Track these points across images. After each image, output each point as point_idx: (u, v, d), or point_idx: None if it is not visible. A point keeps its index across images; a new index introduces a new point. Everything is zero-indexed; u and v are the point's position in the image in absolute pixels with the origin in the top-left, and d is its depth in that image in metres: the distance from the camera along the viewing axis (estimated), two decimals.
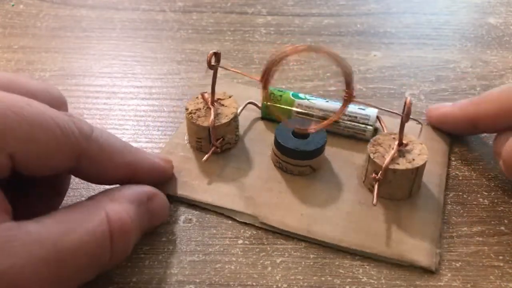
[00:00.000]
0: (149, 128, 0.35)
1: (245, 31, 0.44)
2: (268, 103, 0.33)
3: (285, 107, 0.34)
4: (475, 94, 0.38)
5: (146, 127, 0.35)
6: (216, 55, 0.30)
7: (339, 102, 0.33)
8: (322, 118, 0.33)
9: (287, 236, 0.28)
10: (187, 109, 0.31)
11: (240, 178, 0.31)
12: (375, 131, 0.33)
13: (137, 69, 0.40)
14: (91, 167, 0.25)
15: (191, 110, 0.31)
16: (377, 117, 0.33)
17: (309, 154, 0.30)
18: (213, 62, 0.30)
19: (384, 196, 0.29)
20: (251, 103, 0.35)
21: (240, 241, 0.28)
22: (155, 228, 0.28)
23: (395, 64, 0.41)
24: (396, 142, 0.28)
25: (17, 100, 0.22)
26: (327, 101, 0.33)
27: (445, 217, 0.29)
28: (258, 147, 0.33)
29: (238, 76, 0.38)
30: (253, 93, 0.36)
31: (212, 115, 0.30)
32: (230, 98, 0.32)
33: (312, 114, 0.33)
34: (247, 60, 0.40)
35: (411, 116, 0.27)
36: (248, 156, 0.32)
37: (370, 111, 0.33)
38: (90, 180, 0.27)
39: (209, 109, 0.31)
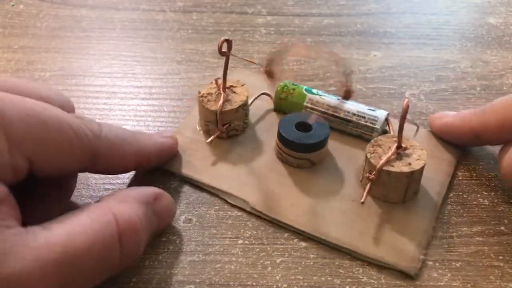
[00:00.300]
0: (149, 128, 0.35)
1: (245, 31, 0.44)
2: (281, 96, 0.34)
3: (296, 101, 0.34)
4: (475, 94, 0.38)
5: (146, 127, 0.35)
6: (228, 42, 0.30)
7: (351, 100, 0.33)
8: (330, 115, 0.33)
9: (287, 236, 0.28)
10: (199, 93, 0.33)
11: (242, 164, 0.32)
12: (384, 133, 0.33)
13: (137, 69, 0.40)
14: (103, 163, 0.26)
15: (203, 94, 0.32)
16: (386, 119, 0.33)
17: (308, 147, 0.30)
18: (224, 49, 0.30)
19: (378, 197, 0.29)
20: (265, 94, 0.35)
21: (240, 241, 0.28)
22: (162, 231, 0.28)
23: (395, 64, 0.41)
24: (396, 145, 0.28)
25: (33, 104, 0.23)
26: (338, 99, 0.33)
27: (445, 217, 0.29)
28: (265, 137, 0.33)
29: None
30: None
31: (221, 100, 0.31)
32: (243, 86, 0.33)
33: (320, 110, 0.33)
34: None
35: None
36: (254, 144, 0.33)
37: (379, 113, 0.33)
38: (102, 173, 0.28)
39: (220, 94, 0.32)
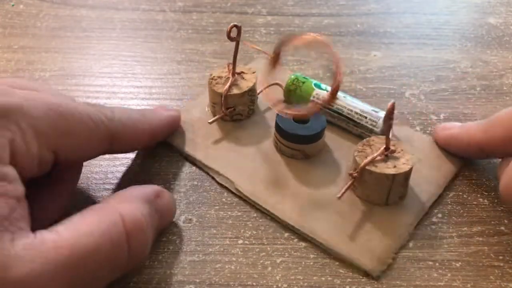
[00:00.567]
0: None
1: (245, 31, 0.44)
2: (290, 87, 0.34)
3: (304, 94, 0.34)
4: (475, 94, 0.38)
5: None
6: (237, 27, 0.31)
7: (356, 98, 0.34)
8: (334, 111, 0.33)
9: (287, 236, 0.28)
10: (211, 75, 0.34)
11: (239, 148, 0.32)
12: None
13: (137, 69, 0.40)
14: (119, 144, 0.28)
15: (214, 76, 0.34)
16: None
17: (301, 138, 0.31)
18: (234, 35, 0.31)
19: (361, 196, 0.29)
20: (276, 84, 0.35)
21: (240, 241, 0.28)
22: (163, 230, 0.28)
23: (395, 64, 0.41)
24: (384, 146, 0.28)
25: (52, 99, 0.24)
26: (344, 96, 0.33)
27: (445, 217, 0.29)
28: (268, 126, 0.34)
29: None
30: (286, 76, 0.36)
31: (227, 84, 0.32)
32: (253, 73, 0.34)
33: (324, 105, 0.33)
34: (247, 60, 0.40)
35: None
36: (256, 131, 0.34)
37: (382, 114, 0.32)
38: (120, 153, 0.31)
39: (229, 78, 0.33)
